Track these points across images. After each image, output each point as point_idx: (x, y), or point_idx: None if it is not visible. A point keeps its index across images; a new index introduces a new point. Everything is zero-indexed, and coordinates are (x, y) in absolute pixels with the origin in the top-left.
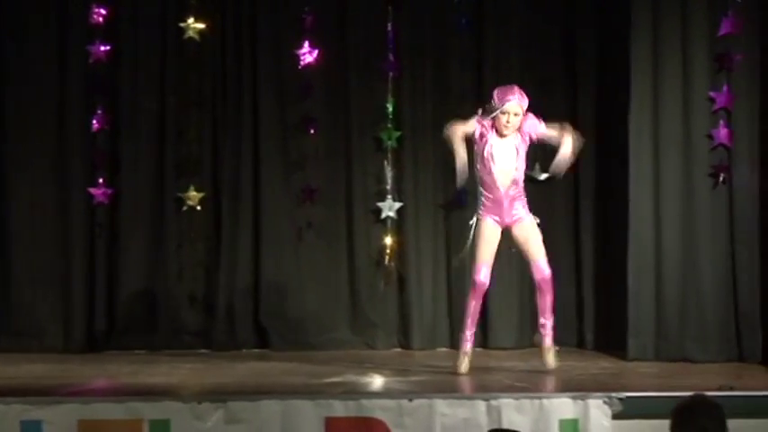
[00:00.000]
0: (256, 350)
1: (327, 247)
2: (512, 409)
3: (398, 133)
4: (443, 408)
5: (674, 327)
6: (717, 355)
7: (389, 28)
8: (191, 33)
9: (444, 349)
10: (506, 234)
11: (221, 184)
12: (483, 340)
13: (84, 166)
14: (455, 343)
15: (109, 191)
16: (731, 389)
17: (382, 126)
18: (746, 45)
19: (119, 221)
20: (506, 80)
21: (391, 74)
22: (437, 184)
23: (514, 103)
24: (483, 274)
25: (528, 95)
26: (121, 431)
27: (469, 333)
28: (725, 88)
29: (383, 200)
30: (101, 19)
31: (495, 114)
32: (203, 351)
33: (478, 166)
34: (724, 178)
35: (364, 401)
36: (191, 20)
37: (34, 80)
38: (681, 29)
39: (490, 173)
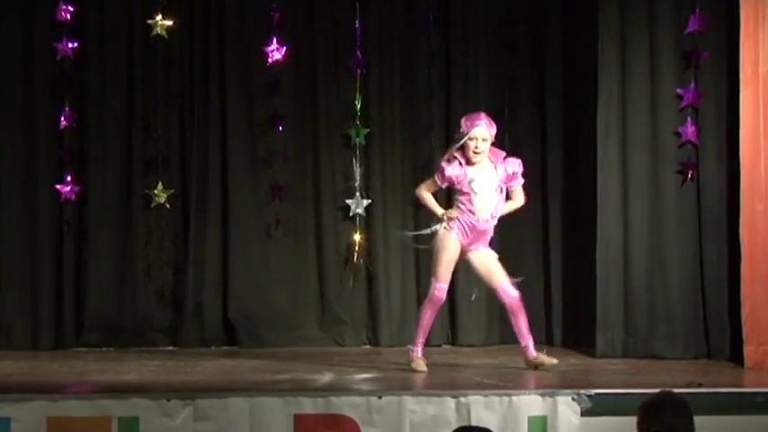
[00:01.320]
0: (225, 347)
1: (296, 244)
2: (481, 406)
3: (367, 130)
4: (412, 405)
5: (642, 324)
6: (685, 352)
7: (357, 25)
8: (158, 30)
9: (413, 346)
10: (462, 259)
11: (189, 181)
12: (452, 337)
13: (52, 164)
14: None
15: (77, 188)
16: (699, 386)
17: (350, 123)
18: (713, 42)
19: (86, 219)
20: (474, 78)
21: (359, 71)
22: (405, 181)
23: (483, 128)
24: (444, 291)
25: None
26: (90, 429)
27: (421, 344)
28: (692, 85)
29: (351, 197)
30: (68, 15)
31: (463, 141)
32: (171, 348)
33: (461, 197)
34: (691, 175)
35: (333, 399)
36: (158, 17)
37: (1, 77)
38: (648, 26)
39: (471, 203)
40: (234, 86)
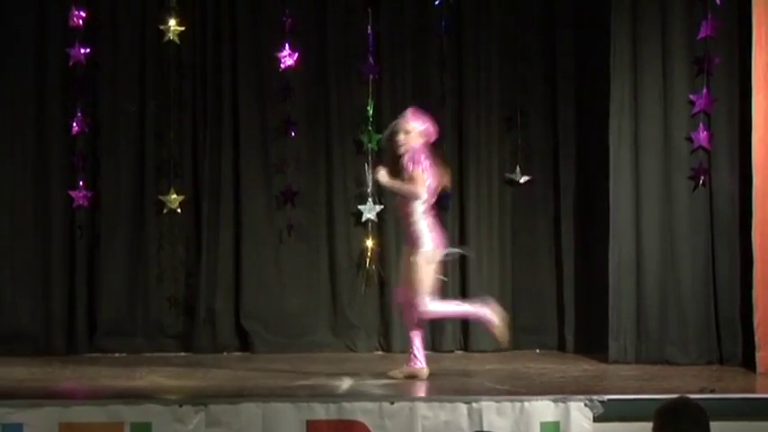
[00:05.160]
0: (237, 353)
1: (308, 249)
2: (493, 411)
3: (379, 136)
4: (425, 410)
5: (654, 329)
6: (697, 358)
7: (369, 31)
8: (171, 36)
9: (425, 352)
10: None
11: (202, 186)
12: (464, 343)
13: (64, 169)
14: (436, 345)
15: (89, 193)
16: (712, 392)
17: (363, 129)
18: (725, 48)
19: (99, 224)
20: (486, 84)
21: (372, 77)
22: None
23: (401, 121)
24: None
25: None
26: None
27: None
28: (704, 91)
29: (364, 202)
30: (80, 21)
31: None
32: (184, 354)
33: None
34: (703, 181)
35: (345, 404)
36: (171, 22)
37: (13, 82)
38: (660, 32)
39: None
40: (246, 92)
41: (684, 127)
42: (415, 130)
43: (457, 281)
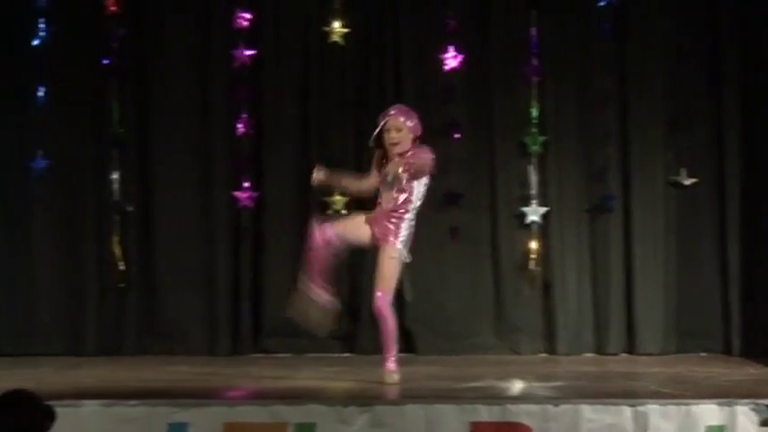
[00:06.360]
0: (401, 354)
1: (472, 251)
2: (658, 415)
3: (543, 138)
4: (589, 413)
5: None
6: None
7: (533, 32)
8: (334, 37)
9: (590, 355)
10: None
11: None
12: (629, 346)
13: (229, 170)
14: (601, 348)
15: (254, 194)
16: None
17: (526, 131)
18: None
19: (263, 225)
20: (649, 86)
21: (535, 78)
22: (581, 188)
23: (390, 119)
24: None
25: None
26: None
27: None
28: None
29: (528, 204)
30: (245, 23)
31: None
32: (348, 355)
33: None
34: None
35: (510, 406)
36: (335, 24)
37: (178, 85)
38: None
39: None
40: (409, 94)
41: None
42: (407, 126)
43: (621, 283)
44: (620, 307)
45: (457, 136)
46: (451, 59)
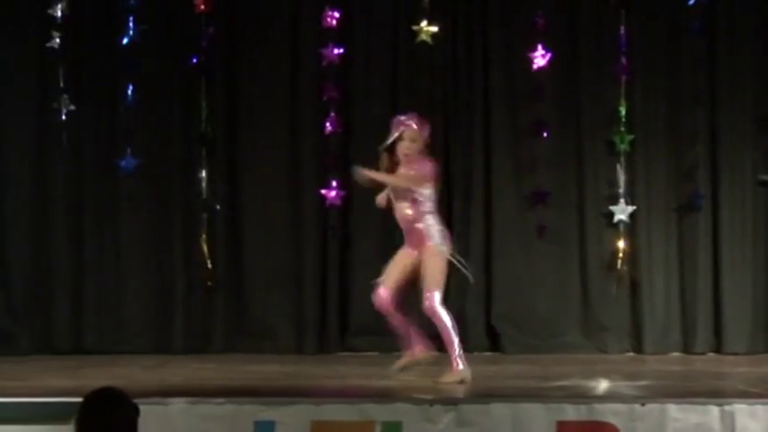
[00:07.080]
0: (487, 353)
1: (559, 250)
2: (745, 414)
3: (631, 137)
4: (675, 413)
5: None
6: None
7: (622, 31)
8: (423, 36)
9: (677, 354)
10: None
11: (453, 186)
12: (716, 346)
13: (317, 169)
14: (688, 348)
15: (341, 193)
16: None
17: (615, 129)
18: None
19: (351, 224)
20: (739, 84)
21: (624, 77)
22: (670, 187)
23: (407, 129)
24: None
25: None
26: None
27: None
28: None
29: (616, 203)
30: (334, 22)
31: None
32: (434, 354)
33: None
34: None
35: (596, 405)
36: (423, 23)
37: (267, 83)
38: None
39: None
40: (497, 92)
41: None
42: (422, 138)
43: (709, 282)
44: (708, 306)
45: (545, 135)
46: (540, 58)
